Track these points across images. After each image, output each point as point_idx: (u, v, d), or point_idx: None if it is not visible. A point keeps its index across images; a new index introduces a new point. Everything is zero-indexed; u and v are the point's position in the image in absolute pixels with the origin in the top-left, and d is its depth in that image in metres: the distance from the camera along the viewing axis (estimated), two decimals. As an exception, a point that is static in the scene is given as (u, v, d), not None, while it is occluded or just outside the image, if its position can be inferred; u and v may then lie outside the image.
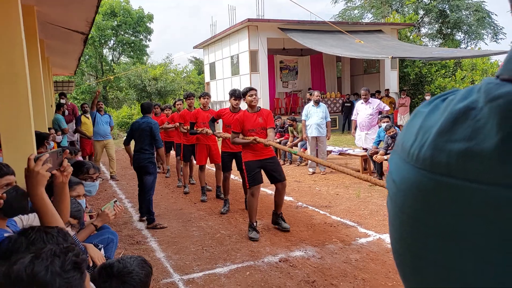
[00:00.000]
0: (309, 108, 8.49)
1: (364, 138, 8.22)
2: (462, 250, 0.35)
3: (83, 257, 1.39)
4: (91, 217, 3.56)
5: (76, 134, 9.51)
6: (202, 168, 6.75)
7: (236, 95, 5.84)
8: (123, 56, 30.65)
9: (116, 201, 3.06)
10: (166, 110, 9.26)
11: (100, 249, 2.63)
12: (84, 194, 3.10)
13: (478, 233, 0.33)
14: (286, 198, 5.83)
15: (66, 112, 9.46)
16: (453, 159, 0.33)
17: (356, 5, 31.25)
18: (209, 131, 6.27)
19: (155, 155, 5.73)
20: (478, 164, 0.32)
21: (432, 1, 27.29)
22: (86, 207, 5.11)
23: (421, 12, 28.08)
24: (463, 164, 0.33)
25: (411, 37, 21.76)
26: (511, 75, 0.33)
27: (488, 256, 0.33)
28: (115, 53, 30.50)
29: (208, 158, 6.81)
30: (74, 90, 23.76)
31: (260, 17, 17.58)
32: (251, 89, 5.12)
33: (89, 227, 2.84)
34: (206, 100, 6.74)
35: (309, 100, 10.10)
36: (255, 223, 4.89)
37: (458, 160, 0.33)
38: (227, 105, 7.43)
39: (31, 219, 2.19)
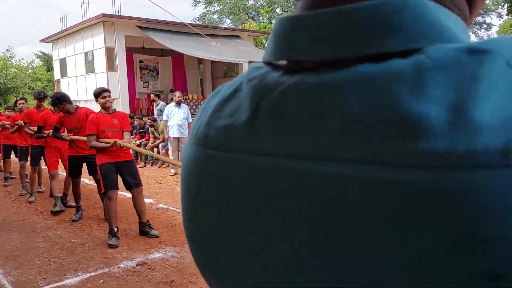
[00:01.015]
0: (170, 108, 8.41)
1: None
2: (228, 222, 0.36)
3: None
4: None
5: None
6: (54, 175, 6.08)
7: (66, 99, 5.33)
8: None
9: None
10: (8, 111, 8.23)
11: None
12: None
13: (234, 203, 0.35)
14: (146, 200, 5.66)
15: None
16: (219, 133, 0.37)
17: (215, 10, 32.09)
18: (66, 136, 5.47)
19: None
20: (234, 136, 0.36)
21: (284, 12, 29.58)
22: None
23: (274, 21, 30.23)
24: (225, 137, 0.37)
25: (266, 44, 23.28)
26: (265, 59, 0.39)
27: (251, 225, 0.34)
28: None
29: (60, 161, 6.21)
30: None
31: (117, 13, 16.77)
32: (104, 90, 4.80)
33: None
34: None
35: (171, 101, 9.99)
36: (115, 229, 4.59)
37: (222, 134, 0.37)
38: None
39: None
